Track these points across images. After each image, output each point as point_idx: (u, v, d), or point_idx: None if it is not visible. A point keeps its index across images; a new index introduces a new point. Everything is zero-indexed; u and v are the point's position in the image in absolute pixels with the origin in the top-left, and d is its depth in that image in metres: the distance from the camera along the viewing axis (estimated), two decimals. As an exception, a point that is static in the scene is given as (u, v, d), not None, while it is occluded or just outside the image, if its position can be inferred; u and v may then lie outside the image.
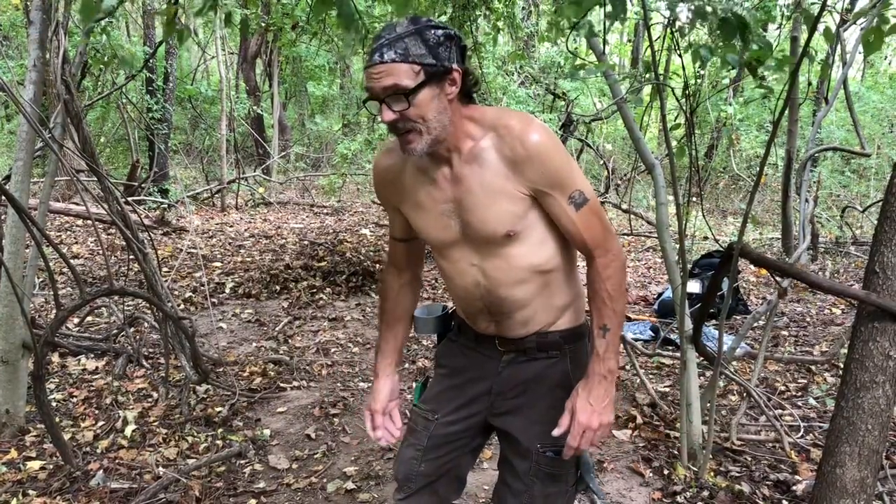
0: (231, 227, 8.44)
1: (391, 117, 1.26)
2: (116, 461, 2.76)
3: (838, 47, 4.56)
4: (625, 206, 8.40)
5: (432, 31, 1.28)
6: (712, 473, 2.69)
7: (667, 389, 3.64)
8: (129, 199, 5.93)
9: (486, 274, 1.43)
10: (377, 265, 6.28)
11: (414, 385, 3.51)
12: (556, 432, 1.42)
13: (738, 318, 4.95)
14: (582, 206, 1.36)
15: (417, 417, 1.62)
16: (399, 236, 1.60)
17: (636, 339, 4.50)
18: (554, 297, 1.46)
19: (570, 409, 1.41)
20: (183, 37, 2.66)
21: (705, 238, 7.80)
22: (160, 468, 2.71)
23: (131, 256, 3.03)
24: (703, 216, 3.17)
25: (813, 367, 3.91)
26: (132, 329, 4.21)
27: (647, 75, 2.61)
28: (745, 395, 3.25)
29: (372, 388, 1.68)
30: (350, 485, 2.67)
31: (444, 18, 4.83)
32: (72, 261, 5.46)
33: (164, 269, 5.77)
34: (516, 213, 1.36)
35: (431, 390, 1.65)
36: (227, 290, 5.49)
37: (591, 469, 1.54)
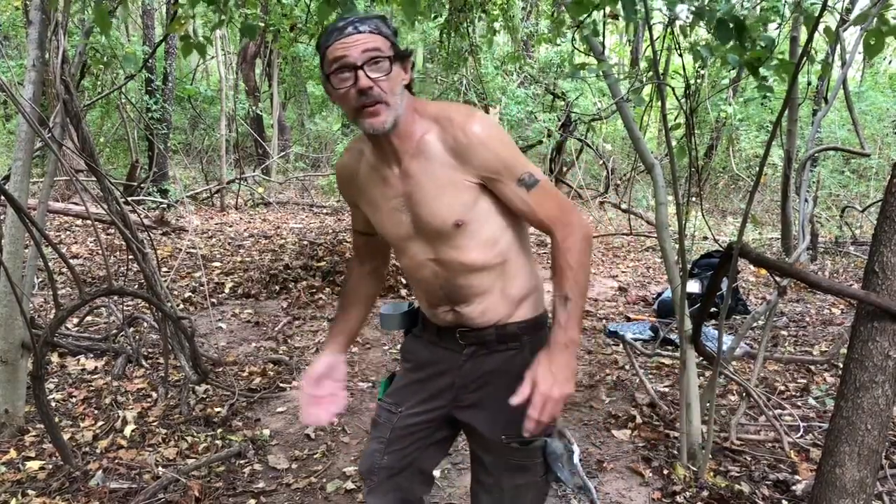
0: (230, 227, 8.43)
1: (368, 83, 1.29)
2: (116, 461, 2.76)
3: (838, 47, 4.56)
4: (624, 206, 8.41)
5: (388, 22, 1.36)
6: (712, 473, 2.69)
7: (666, 389, 3.64)
8: (129, 199, 5.93)
9: (442, 265, 1.45)
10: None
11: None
12: (514, 401, 1.37)
13: (737, 318, 4.95)
14: (533, 186, 1.38)
15: (381, 411, 1.64)
16: (360, 229, 1.65)
17: (636, 339, 4.49)
18: (510, 286, 1.48)
19: (532, 378, 1.38)
20: (202, 51, 2.66)
21: (705, 238, 7.80)
22: (160, 468, 2.71)
23: (131, 256, 3.03)
24: (703, 216, 3.17)
25: (813, 367, 3.91)
26: (131, 329, 4.21)
27: (648, 74, 2.61)
28: (744, 394, 3.24)
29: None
30: (349, 485, 2.67)
31: (440, 20, 4.83)
32: (71, 261, 5.47)
33: (164, 269, 5.77)
34: (464, 202, 1.38)
35: (396, 384, 1.66)
36: (227, 290, 5.48)
37: (560, 458, 1.49)
